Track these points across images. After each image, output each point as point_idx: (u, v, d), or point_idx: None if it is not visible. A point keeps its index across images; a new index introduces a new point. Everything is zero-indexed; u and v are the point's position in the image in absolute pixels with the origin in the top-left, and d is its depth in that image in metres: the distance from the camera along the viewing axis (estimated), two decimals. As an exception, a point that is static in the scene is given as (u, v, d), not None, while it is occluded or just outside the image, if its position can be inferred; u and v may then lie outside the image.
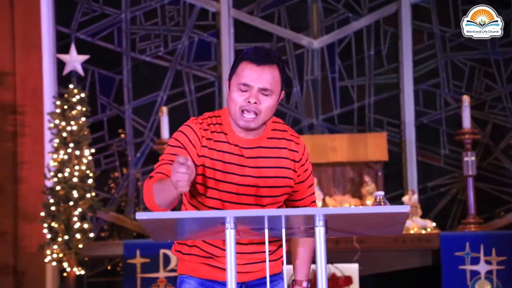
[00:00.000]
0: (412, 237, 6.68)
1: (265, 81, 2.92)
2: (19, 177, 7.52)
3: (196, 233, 2.77)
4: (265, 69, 2.93)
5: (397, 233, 2.78)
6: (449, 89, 7.86)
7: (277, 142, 3.01)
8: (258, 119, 2.92)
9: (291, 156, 3.01)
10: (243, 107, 2.91)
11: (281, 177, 2.98)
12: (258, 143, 2.98)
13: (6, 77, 7.64)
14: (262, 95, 2.92)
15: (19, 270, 7.45)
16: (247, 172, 2.94)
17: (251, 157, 2.95)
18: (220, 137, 2.96)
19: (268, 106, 2.93)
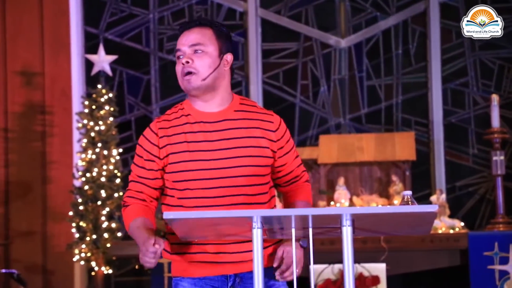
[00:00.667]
0: (440, 236, 6.64)
1: (193, 38, 2.89)
2: (47, 177, 7.58)
3: (223, 232, 2.78)
4: (193, 30, 2.91)
5: (425, 232, 2.77)
6: (477, 88, 7.81)
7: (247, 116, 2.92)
8: (197, 77, 2.86)
9: (265, 134, 2.91)
10: (181, 72, 2.88)
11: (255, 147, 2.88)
12: (224, 115, 2.91)
13: (35, 77, 7.70)
14: (195, 53, 2.88)
15: (48, 269, 7.51)
16: (216, 145, 2.87)
17: (217, 130, 2.88)
18: (181, 121, 2.91)
19: (203, 63, 2.87)
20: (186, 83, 2.88)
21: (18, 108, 7.67)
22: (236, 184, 2.86)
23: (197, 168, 2.86)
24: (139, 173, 2.93)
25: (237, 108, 2.93)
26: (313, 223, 2.63)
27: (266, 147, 2.91)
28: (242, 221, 2.60)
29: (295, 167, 3.00)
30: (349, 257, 2.57)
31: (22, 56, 7.71)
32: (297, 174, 3.00)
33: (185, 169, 2.87)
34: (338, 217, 2.56)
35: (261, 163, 2.89)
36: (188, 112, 2.93)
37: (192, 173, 2.86)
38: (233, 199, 2.86)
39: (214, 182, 2.86)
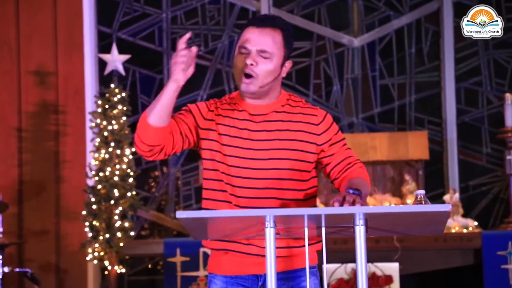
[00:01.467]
0: (454, 236, 6.62)
1: (264, 43, 2.85)
2: (61, 176, 7.60)
3: (236, 231, 2.77)
4: (265, 31, 2.86)
5: (438, 232, 2.76)
6: (491, 87, 7.79)
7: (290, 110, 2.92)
8: (256, 82, 2.85)
9: (307, 128, 2.90)
10: (244, 69, 2.85)
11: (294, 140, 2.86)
12: (269, 109, 2.91)
13: (49, 77, 7.72)
14: (261, 57, 2.85)
15: (61, 268, 7.53)
16: (255, 136, 2.86)
17: (260, 122, 2.88)
18: (229, 106, 2.92)
19: (267, 69, 2.85)
20: (244, 86, 2.86)
21: (32, 107, 7.70)
22: (270, 176, 2.84)
23: (232, 154, 2.85)
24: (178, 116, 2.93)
25: (283, 103, 2.94)
26: (326, 223, 2.62)
27: (306, 141, 2.89)
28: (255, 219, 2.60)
29: (346, 157, 2.94)
30: (362, 257, 2.57)
31: (36, 55, 7.74)
32: (349, 162, 2.93)
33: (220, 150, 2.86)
34: (351, 217, 2.56)
35: (299, 157, 2.87)
36: (236, 101, 2.94)
37: (227, 158, 2.85)
38: (265, 192, 2.83)
39: (249, 172, 2.84)
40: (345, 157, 2.93)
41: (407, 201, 6.91)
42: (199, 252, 6.68)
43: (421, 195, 2.74)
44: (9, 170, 7.61)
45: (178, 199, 7.91)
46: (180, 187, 7.91)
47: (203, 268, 6.67)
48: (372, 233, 2.73)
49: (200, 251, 6.69)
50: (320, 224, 2.63)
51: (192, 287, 6.67)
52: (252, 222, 2.62)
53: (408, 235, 5.25)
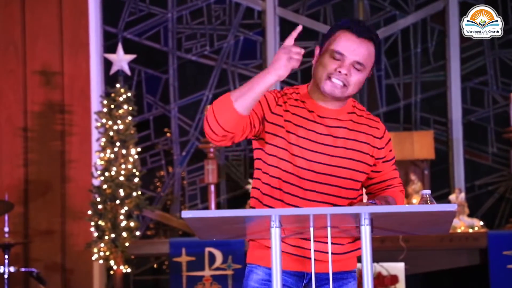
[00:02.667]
0: (459, 236, 6.62)
1: (361, 55, 2.85)
2: (67, 176, 7.61)
3: (241, 231, 2.77)
4: (364, 42, 2.86)
5: (444, 232, 2.76)
6: (497, 86, 7.77)
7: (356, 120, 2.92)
8: (345, 90, 2.86)
9: (370, 141, 2.92)
10: (331, 74, 2.85)
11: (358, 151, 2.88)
12: (337, 114, 2.91)
13: (54, 77, 7.73)
14: (354, 68, 2.86)
15: (67, 268, 7.54)
16: (321, 139, 2.85)
17: (327, 126, 2.87)
18: (297, 103, 2.90)
19: (358, 80, 2.87)
20: (331, 88, 2.85)
21: (38, 107, 7.71)
22: (329, 182, 2.84)
23: (297, 154, 2.83)
24: None
25: (349, 111, 2.95)
26: (332, 222, 2.62)
27: (367, 154, 2.91)
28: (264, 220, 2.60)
29: (391, 178, 2.98)
30: (368, 256, 2.57)
31: (42, 55, 7.75)
32: (391, 183, 2.98)
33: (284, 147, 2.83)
34: (356, 216, 2.56)
35: (359, 168, 2.89)
36: (304, 98, 2.92)
37: (291, 157, 2.83)
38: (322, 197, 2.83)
39: (308, 174, 2.83)
40: (390, 178, 2.98)
41: (412, 200, 6.91)
42: (205, 252, 6.69)
43: (427, 194, 2.73)
44: (15, 170, 7.62)
45: (183, 198, 7.91)
46: (185, 187, 7.91)
47: (209, 267, 6.67)
48: (377, 233, 2.73)
49: (206, 251, 6.69)
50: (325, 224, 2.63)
51: (197, 287, 6.67)
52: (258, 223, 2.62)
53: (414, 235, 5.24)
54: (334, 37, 2.88)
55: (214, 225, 2.66)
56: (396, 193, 2.96)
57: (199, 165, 7.81)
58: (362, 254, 2.57)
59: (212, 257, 6.67)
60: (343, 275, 2.92)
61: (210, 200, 7.20)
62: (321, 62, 2.88)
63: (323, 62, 2.87)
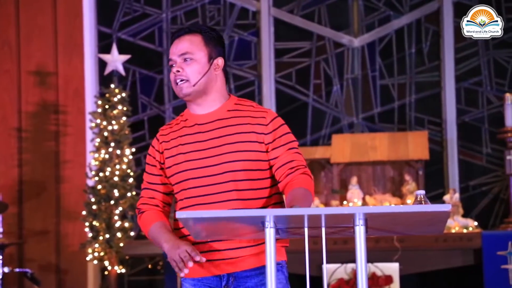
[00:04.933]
0: (454, 236, 6.62)
1: (181, 48, 3.00)
2: (61, 176, 7.60)
3: (235, 232, 2.78)
4: (181, 39, 3.03)
5: (438, 232, 2.76)
6: (491, 87, 7.79)
7: (239, 114, 2.99)
8: (188, 83, 2.98)
9: (256, 129, 2.95)
10: (173, 80, 3.01)
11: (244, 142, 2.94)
12: (216, 116, 3.00)
13: (49, 77, 7.72)
14: (184, 61, 2.99)
15: (62, 268, 7.53)
16: (206, 145, 2.96)
17: (208, 130, 2.98)
18: (179, 126, 3.05)
19: (193, 69, 2.99)
20: (179, 90, 3.01)
21: (32, 107, 7.70)
22: (225, 180, 2.91)
23: (188, 168, 2.96)
24: (149, 179, 3.08)
25: (230, 108, 3.02)
26: (326, 223, 2.62)
27: (255, 141, 2.95)
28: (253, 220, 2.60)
29: (289, 160, 2.94)
30: (362, 257, 2.57)
31: (36, 56, 7.74)
32: (291, 166, 2.93)
33: (178, 170, 2.97)
34: (351, 217, 2.56)
35: (251, 157, 2.93)
36: (186, 117, 3.07)
37: (184, 174, 2.96)
38: (225, 196, 2.90)
39: (204, 180, 2.93)
40: (288, 161, 2.95)
41: (407, 201, 6.91)
42: (199, 252, 6.67)
43: (421, 195, 2.74)
44: (9, 170, 7.61)
45: (178, 199, 7.90)
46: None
47: (203, 268, 6.66)
48: (372, 233, 2.73)
49: (200, 251, 6.68)
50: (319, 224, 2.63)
51: (192, 287, 6.66)
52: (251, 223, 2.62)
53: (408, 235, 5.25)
54: None
55: (209, 225, 2.67)
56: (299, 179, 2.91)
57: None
58: (356, 254, 2.58)
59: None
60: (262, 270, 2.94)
61: (205, 201, 7.19)
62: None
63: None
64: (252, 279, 2.94)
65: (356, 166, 7.22)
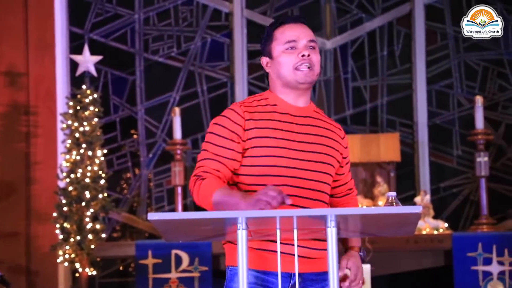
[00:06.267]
0: (425, 237, 6.66)
1: (310, 34, 2.91)
2: (31, 177, 7.55)
3: (209, 233, 2.77)
4: (303, 25, 2.93)
5: (409, 233, 2.78)
6: (462, 89, 7.84)
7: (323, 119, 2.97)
8: (313, 72, 2.88)
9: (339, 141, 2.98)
10: (297, 64, 2.87)
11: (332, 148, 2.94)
12: (307, 112, 2.95)
13: (20, 77, 7.67)
14: (311, 48, 2.89)
15: (32, 270, 7.48)
16: (299, 138, 2.88)
17: (302, 124, 2.90)
18: (267, 109, 2.90)
19: (318, 59, 2.91)
20: (305, 77, 2.87)
21: (2, 108, 7.64)
22: (313, 178, 2.87)
23: (280, 155, 2.83)
24: (217, 151, 2.82)
25: (315, 109, 3.00)
26: (298, 225, 2.63)
27: (338, 151, 2.97)
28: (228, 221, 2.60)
29: (349, 180, 3.06)
30: (334, 258, 2.57)
31: (7, 56, 7.68)
32: (351, 187, 3.05)
33: (269, 154, 2.83)
34: (323, 218, 2.56)
35: (335, 164, 2.95)
36: (274, 102, 2.93)
37: (276, 159, 2.83)
38: (306, 192, 2.84)
39: (295, 172, 2.84)
40: (349, 180, 3.05)
41: (378, 202, 6.94)
42: (171, 254, 6.67)
43: (392, 196, 2.75)
44: (-21, 171, 7.55)
45: (150, 200, 7.88)
46: (152, 189, 7.89)
47: (175, 270, 6.65)
48: (344, 234, 2.74)
49: (172, 253, 6.67)
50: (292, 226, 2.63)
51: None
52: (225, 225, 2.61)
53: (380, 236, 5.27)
54: (274, 37, 2.92)
55: (181, 227, 2.66)
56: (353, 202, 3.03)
57: (166, 167, 7.79)
58: (328, 256, 2.58)
59: (178, 259, 6.65)
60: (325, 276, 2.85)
61: (177, 202, 7.18)
62: (279, 62, 2.89)
63: (281, 61, 2.89)
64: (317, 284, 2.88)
65: (328, 168, 7.23)
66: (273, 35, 2.91)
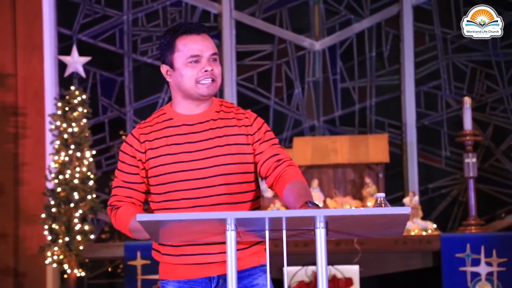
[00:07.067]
0: (413, 238, 6.68)
1: (211, 46, 2.94)
2: (20, 178, 7.53)
3: (197, 234, 2.77)
4: (205, 36, 2.95)
5: (398, 234, 2.78)
6: (450, 90, 7.86)
7: (226, 116, 2.97)
8: (216, 84, 2.92)
9: (243, 131, 2.95)
10: (200, 79, 2.91)
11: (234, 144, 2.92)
12: (207, 116, 2.96)
13: (8, 78, 7.65)
14: (213, 61, 2.93)
15: (20, 271, 7.45)
16: (196, 147, 2.90)
17: (198, 132, 2.92)
18: (162, 125, 2.95)
19: (219, 71, 2.96)
20: (207, 89, 2.91)
21: (-10, 109, 7.62)
22: (216, 183, 2.88)
23: (177, 170, 2.89)
24: (125, 178, 2.97)
25: (217, 109, 2.98)
26: (287, 225, 2.63)
27: (245, 144, 2.93)
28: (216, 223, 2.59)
29: (274, 154, 2.95)
30: (323, 259, 2.58)
31: (-5, 57, 7.66)
32: (278, 158, 2.94)
33: (165, 172, 2.90)
34: (311, 219, 2.56)
35: (241, 160, 2.92)
36: (170, 116, 2.98)
37: (174, 175, 2.89)
38: (214, 199, 2.88)
39: (195, 183, 2.88)
40: (274, 154, 2.95)
41: (367, 203, 6.95)
42: (160, 255, 6.65)
43: (381, 197, 2.75)
44: (-33, 172, 7.52)
45: (138, 202, 7.86)
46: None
47: (164, 271, 6.64)
48: (332, 235, 2.74)
49: (161, 254, 6.66)
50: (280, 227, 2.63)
51: (152, 290, 6.64)
52: (213, 226, 2.61)
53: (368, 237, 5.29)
54: (177, 47, 2.94)
55: (169, 228, 2.66)
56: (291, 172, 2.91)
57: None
58: (317, 257, 2.58)
59: (167, 260, 6.64)
60: (251, 271, 2.95)
61: (166, 203, 7.17)
62: (181, 74, 2.93)
63: (183, 73, 2.93)
64: (242, 281, 2.92)
65: (317, 169, 7.24)
66: (175, 45, 2.93)
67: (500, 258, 6.49)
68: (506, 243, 6.60)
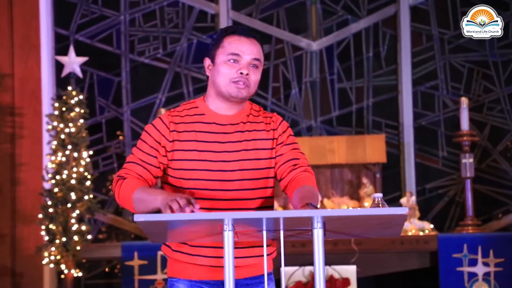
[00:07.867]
0: (410, 239, 6.68)
1: (256, 52, 2.93)
2: (17, 179, 7.52)
3: (194, 234, 2.77)
4: (253, 41, 2.94)
5: (395, 235, 2.78)
6: (447, 91, 7.87)
7: (255, 120, 2.99)
8: (248, 90, 2.92)
9: (271, 135, 2.98)
10: (234, 79, 2.91)
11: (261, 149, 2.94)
12: (236, 119, 2.97)
13: (5, 79, 7.64)
14: (252, 67, 2.92)
15: (17, 272, 7.45)
16: (225, 147, 2.91)
17: (227, 133, 2.93)
18: (193, 119, 2.94)
19: (256, 79, 2.95)
20: (237, 91, 2.91)
21: (-13, 109, 7.61)
22: (236, 188, 2.89)
23: (202, 168, 2.89)
24: (142, 157, 2.94)
25: (248, 113, 3.00)
26: (285, 226, 2.63)
27: (271, 148, 2.96)
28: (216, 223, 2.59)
29: (293, 157, 2.98)
30: (320, 259, 2.58)
31: (-9, 57, 7.65)
32: (295, 163, 2.97)
33: (189, 167, 2.89)
34: (309, 220, 2.57)
35: (266, 165, 2.94)
36: (202, 111, 2.97)
37: (196, 173, 2.88)
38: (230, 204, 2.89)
39: (215, 184, 2.88)
40: (292, 158, 2.98)
41: (364, 204, 6.96)
42: (157, 255, 6.66)
43: (378, 198, 2.75)
44: (-36, 173, 7.51)
45: (136, 202, 7.86)
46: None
47: (161, 271, 6.64)
48: (330, 236, 2.74)
49: (158, 254, 6.66)
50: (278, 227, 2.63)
51: (149, 290, 6.64)
52: (211, 226, 2.61)
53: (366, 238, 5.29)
54: (222, 44, 2.94)
55: (167, 228, 2.66)
56: (304, 176, 2.96)
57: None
58: (314, 257, 2.58)
59: (164, 260, 6.64)
60: (261, 279, 2.96)
61: (163, 204, 7.16)
62: (218, 70, 2.93)
63: (220, 70, 2.93)
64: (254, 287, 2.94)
65: (314, 169, 7.18)
66: (222, 42, 2.95)
67: (497, 258, 6.50)
68: (503, 243, 6.60)
